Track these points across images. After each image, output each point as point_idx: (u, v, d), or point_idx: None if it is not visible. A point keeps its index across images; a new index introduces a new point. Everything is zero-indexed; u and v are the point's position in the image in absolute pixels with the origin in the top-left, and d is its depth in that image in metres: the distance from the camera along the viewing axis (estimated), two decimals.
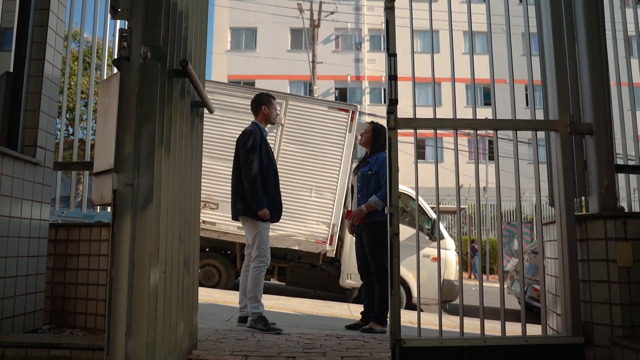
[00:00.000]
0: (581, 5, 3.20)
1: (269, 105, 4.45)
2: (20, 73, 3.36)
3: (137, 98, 1.88)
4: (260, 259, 4.16)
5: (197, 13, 2.69)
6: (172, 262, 2.20)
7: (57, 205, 9.41)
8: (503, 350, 2.87)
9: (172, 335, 2.21)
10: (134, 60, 1.89)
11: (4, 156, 2.99)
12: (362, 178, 4.59)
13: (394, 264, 2.83)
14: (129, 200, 1.83)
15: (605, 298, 2.88)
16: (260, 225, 4.18)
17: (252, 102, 4.51)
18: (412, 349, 2.78)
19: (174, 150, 2.22)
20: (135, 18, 1.90)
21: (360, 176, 4.62)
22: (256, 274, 4.14)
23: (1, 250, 2.95)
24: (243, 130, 4.41)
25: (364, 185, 4.55)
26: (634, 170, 3.78)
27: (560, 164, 3.03)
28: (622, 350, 2.74)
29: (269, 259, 4.25)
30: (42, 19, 3.45)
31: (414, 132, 3.04)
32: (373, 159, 4.59)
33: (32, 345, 2.69)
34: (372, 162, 4.59)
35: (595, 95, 3.08)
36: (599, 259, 2.92)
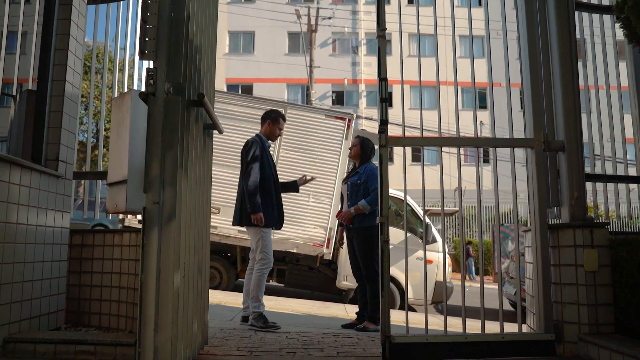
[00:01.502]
0: (555, 35, 3.54)
1: (275, 123, 4.72)
2: (44, 93, 3.67)
3: (162, 128, 2.18)
4: (263, 262, 4.42)
5: (208, 44, 3.02)
6: (188, 267, 2.52)
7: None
8: (482, 346, 3.20)
9: (188, 331, 2.53)
10: (159, 95, 2.20)
11: (31, 170, 3.30)
12: (352, 187, 4.90)
13: (384, 268, 3.15)
14: (156, 216, 2.14)
15: (574, 299, 3.21)
16: (263, 230, 4.44)
17: (263, 114, 4.83)
18: (401, 344, 3.11)
19: (190, 169, 2.53)
20: (160, 59, 2.22)
21: (350, 185, 4.93)
22: (259, 276, 4.40)
23: (29, 256, 3.25)
24: (246, 141, 4.71)
25: (353, 194, 4.86)
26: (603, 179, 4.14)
27: (534, 178, 3.37)
28: (587, 345, 3.07)
29: (272, 262, 4.50)
30: (63, 43, 3.77)
31: (403, 149, 3.36)
32: (361, 169, 4.93)
33: (61, 342, 3.00)
34: (361, 172, 4.91)
35: (567, 116, 3.42)
36: (568, 264, 3.26)
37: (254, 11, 26.84)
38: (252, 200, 4.37)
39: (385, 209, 3.22)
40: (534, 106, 3.42)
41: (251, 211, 4.36)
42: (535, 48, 3.53)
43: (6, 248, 2.99)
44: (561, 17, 3.52)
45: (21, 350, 2.98)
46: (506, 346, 3.22)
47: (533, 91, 3.45)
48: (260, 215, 4.35)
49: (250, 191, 4.39)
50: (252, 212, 4.35)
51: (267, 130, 4.72)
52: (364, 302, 4.82)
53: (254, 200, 4.37)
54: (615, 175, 4.31)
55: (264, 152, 4.57)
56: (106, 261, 3.96)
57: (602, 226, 3.24)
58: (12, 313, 3.05)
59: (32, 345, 2.99)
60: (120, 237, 3.95)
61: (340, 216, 4.97)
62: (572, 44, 3.55)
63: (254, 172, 4.43)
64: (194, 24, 2.58)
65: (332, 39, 28.33)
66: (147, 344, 2.07)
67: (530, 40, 3.52)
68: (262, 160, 4.53)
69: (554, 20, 3.55)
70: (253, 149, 4.53)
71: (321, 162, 8.36)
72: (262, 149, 4.57)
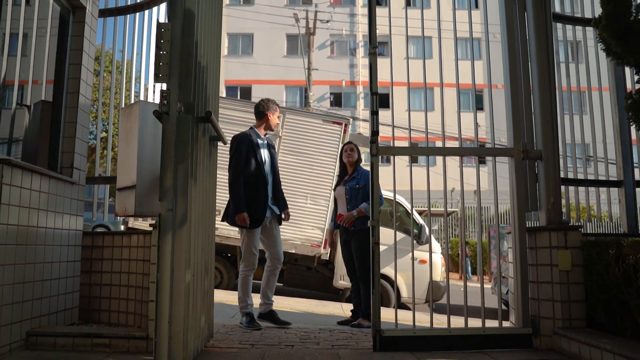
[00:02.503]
0: (534, 50, 3.82)
1: (274, 113, 4.63)
2: (59, 105, 3.94)
3: (175, 144, 2.46)
4: (244, 264, 4.44)
5: (213, 63, 3.29)
6: (197, 267, 2.79)
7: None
8: (465, 339, 3.49)
9: (197, 324, 2.80)
10: (172, 114, 2.48)
11: (49, 178, 3.57)
12: (351, 191, 5.10)
13: (375, 268, 3.43)
14: (169, 222, 2.41)
15: (549, 296, 3.49)
16: (246, 231, 4.38)
17: (256, 106, 4.67)
18: (390, 337, 3.39)
19: (199, 179, 2.81)
20: (172, 82, 2.50)
21: (349, 189, 5.12)
22: (242, 277, 4.43)
23: (47, 257, 3.52)
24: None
25: (353, 197, 5.07)
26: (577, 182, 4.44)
27: (514, 184, 3.65)
28: (560, 338, 3.35)
29: (254, 265, 4.44)
30: (76, 58, 4.04)
31: (392, 158, 3.64)
32: (357, 174, 5.16)
33: (78, 335, 3.28)
34: (357, 176, 5.13)
35: (545, 128, 3.71)
36: (545, 264, 3.54)
37: (252, 14, 27.12)
38: (233, 200, 4.30)
39: (377, 214, 3.50)
40: (514, 119, 3.71)
41: (233, 211, 4.28)
42: (516, 64, 3.81)
43: (28, 250, 3.26)
44: (539, 32, 3.81)
45: (42, 343, 3.25)
46: (487, 339, 3.50)
47: (513, 105, 3.73)
48: (244, 215, 4.24)
49: (230, 191, 4.33)
50: (234, 212, 4.27)
51: (266, 122, 4.61)
52: (358, 300, 5.09)
53: (234, 200, 4.29)
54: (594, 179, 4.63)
55: (250, 148, 4.43)
56: (115, 261, 4.21)
57: (575, 229, 3.53)
58: (33, 309, 3.32)
59: (52, 339, 3.27)
60: (128, 239, 4.21)
61: (341, 219, 5.11)
62: (550, 59, 3.83)
63: (230, 170, 4.37)
64: (202, 47, 2.86)
65: (330, 41, 28.63)
66: (162, 334, 2.35)
67: (511, 57, 3.80)
68: (249, 155, 4.41)
69: (533, 35, 3.83)
70: (234, 145, 4.43)
71: (318, 165, 8.63)
72: (248, 143, 4.44)
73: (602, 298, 3.24)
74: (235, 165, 4.37)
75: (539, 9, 3.85)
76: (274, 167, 4.63)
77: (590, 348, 3.02)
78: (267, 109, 4.60)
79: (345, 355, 3.29)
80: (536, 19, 3.85)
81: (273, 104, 4.66)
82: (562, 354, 3.29)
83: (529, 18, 3.89)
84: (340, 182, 5.37)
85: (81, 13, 4.08)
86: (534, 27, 3.83)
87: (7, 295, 3.02)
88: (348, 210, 5.08)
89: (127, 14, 4.92)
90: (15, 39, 3.47)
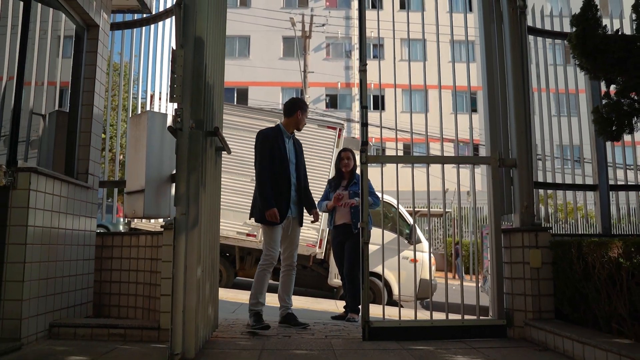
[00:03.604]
0: (510, 65, 4.19)
1: (304, 112, 4.56)
2: (75, 116, 4.29)
3: (187, 156, 2.81)
4: (264, 258, 4.26)
5: (218, 80, 3.65)
6: (206, 264, 3.15)
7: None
8: (445, 329, 3.86)
9: (206, 315, 3.16)
10: (185, 130, 2.83)
11: (68, 184, 3.92)
12: (354, 196, 5.36)
13: (364, 266, 3.80)
14: (183, 224, 2.77)
15: (522, 291, 3.86)
16: (265, 227, 4.30)
17: (288, 102, 4.60)
18: (378, 328, 3.76)
19: (207, 186, 3.17)
20: (185, 102, 2.85)
21: (352, 194, 5.38)
22: (258, 271, 4.26)
23: (66, 255, 3.87)
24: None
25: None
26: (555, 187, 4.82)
27: (490, 190, 4.02)
28: (530, 329, 3.73)
29: (274, 259, 4.30)
30: (90, 72, 4.38)
31: (381, 166, 4.00)
32: (357, 179, 5.36)
33: (97, 326, 3.63)
34: (358, 182, 5.21)
35: (519, 139, 4.08)
36: (518, 262, 3.91)
37: (249, 17, 27.45)
38: (260, 196, 4.24)
39: (366, 216, 3.87)
40: (490, 131, 4.08)
41: (261, 208, 4.21)
42: (493, 80, 4.18)
43: (51, 249, 3.61)
44: (515, 50, 4.18)
45: (64, 333, 3.60)
46: (466, 330, 3.87)
47: (490, 118, 4.11)
48: (274, 211, 4.16)
49: (257, 187, 4.31)
50: (262, 208, 4.20)
51: (295, 120, 4.51)
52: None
53: (262, 196, 4.22)
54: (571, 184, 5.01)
55: (275, 144, 4.37)
56: (124, 260, 4.55)
57: (545, 230, 3.90)
58: (55, 303, 3.67)
59: (72, 329, 3.62)
60: (137, 239, 4.55)
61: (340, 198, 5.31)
62: (524, 75, 4.20)
63: (257, 166, 4.35)
64: (210, 69, 3.21)
65: (326, 43, 28.97)
66: (177, 321, 2.71)
67: (489, 75, 4.17)
68: (273, 150, 4.35)
69: (509, 53, 4.20)
70: (259, 140, 4.41)
71: (313, 169, 8.97)
72: (273, 139, 4.39)
73: (567, 292, 3.62)
74: (260, 161, 4.33)
75: (515, 30, 4.22)
76: (300, 166, 4.52)
77: (554, 336, 3.40)
78: (298, 107, 4.52)
79: (337, 343, 3.65)
80: (512, 38, 4.22)
81: (304, 104, 4.63)
82: (531, 342, 3.67)
83: (506, 37, 4.26)
84: (339, 186, 5.58)
85: (94, 31, 4.43)
86: (510, 46, 4.20)
87: (34, 290, 3.37)
88: (351, 213, 5.34)
89: (134, 27, 5.28)
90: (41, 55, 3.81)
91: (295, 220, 4.47)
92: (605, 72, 3.92)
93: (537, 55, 4.81)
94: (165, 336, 3.46)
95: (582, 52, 3.91)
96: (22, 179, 3.31)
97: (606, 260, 3.16)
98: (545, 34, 5.03)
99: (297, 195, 4.45)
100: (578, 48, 3.92)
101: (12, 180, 3.26)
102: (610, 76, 3.97)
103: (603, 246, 3.20)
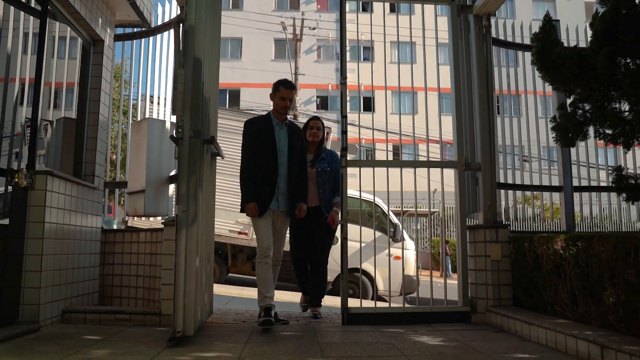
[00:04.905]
0: (476, 76, 4.66)
1: (275, 92, 4.26)
2: (83, 123, 4.71)
3: (187, 161, 3.26)
4: (257, 251, 4.07)
5: (214, 92, 4.10)
6: (203, 255, 3.59)
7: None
8: (416, 315, 4.33)
9: (203, 300, 3.61)
10: (185, 139, 3.27)
11: (78, 185, 4.34)
12: (323, 174, 4.72)
13: (344, 260, 4.26)
14: (184, 220, 3.21)
15: (484, 281, 4.34)
16: (251, 218, 4.10)
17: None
18: (355, 314, 4.23)
19: (204, 187, 3.62)
20: (185, 114, 3.29)
21: (321, 172, 4.72)
22: (257, 267, 4.05)
23: (76, 249, 4.29)
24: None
25: (325, 180, 4.71)
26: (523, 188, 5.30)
27: (457, 191, 4.50)
28: (490, 314, 4.21)
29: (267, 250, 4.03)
30: (96, 83, 4.81)
31: (359, 169, 4.47)
32: (326, 155, 4.82)
33: (105, 312, 4.07)
34: (327, 158, 4.80)
35: (484, 145, 4.55)
36: (481, 255, 4.38)
37: (241, 20, 27.85)
38: (241, 189, 4.08)
39: (345, 214, 4.33)
40: (457, 138, 4.56)
41: (242, 200, 4.06)
42: (460, 92, 4.66)
43: (63, 243, 4.03)
44: (480, 65, 4.65)
45: (75, 318, 4.03)
46: (434, 315, 4.34)
47: (457, 127, 4.58)
48: (251, 205, 3.97)
49: (240, 178, 4.12)
50: (242, 201, 4.05)
51: (274, 105, 4.26)
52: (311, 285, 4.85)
53: (242, 189, 4.07)
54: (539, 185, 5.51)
55: (261, 130, 4.16)
56: (125, 255, 4.95)
57: (505, 227, 4.39)
58: (66, 291, 4.10)
59: (82, 315, 4.05)
60: (137, 235, 4.97)
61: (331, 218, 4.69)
62: (490, 85, 4.68)
63: (241, 159, 4.15)
64: (207, 84, 3.66)
65: (317, 45, 29.43)
66: (179, 304, 3.15)
67: (457, 87, 4.65)
68: (259, 137, 4.13)
69: (475, 67, 4.68)
70: (245, 129, 4.22)
71: None
72: (259, 129, 4.18)
73: (522, 281, 4.10)
74: (244, 152, 4.15)
75: (480, 46, 4.69)
76: (293, 155, 4.21)
77: (508, 319, 3.88)
78: (272, 90, 4.30)
79: (319, 328, 4.11)
80: (478, 55, 4.70)
81: (278, 84, 4.29)
82: (491, 326, 4.15)
83: (473, 53, 4.73)
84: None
85: (100, 45, 4.86)
86: (476, 62, 4.67)
87: (49, 279, 3.80)
88: (319, 194, 4.70)
89: (134, 39, 5.71)
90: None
91: (284, 214, 4.21)
92: (563, 84, 4.40)
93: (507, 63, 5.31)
94: (166, 321, 3.91)
95: (541, 67, 4.38)
96: (40, 181, 3.74)
97: (551, 253, 3.64)
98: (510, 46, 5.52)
99: (288, 187, 4.16)
100: (538, 63, 4.38)
101: (30, 181, 3.69)
102: (568, 87, 4.46)
103: (549, 240, 3.68)
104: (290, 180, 4.18)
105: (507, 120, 5.38)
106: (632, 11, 4.09)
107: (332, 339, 3.63)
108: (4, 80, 3.88)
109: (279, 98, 4.22)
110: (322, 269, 4.77)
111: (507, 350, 3.26)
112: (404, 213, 17.85)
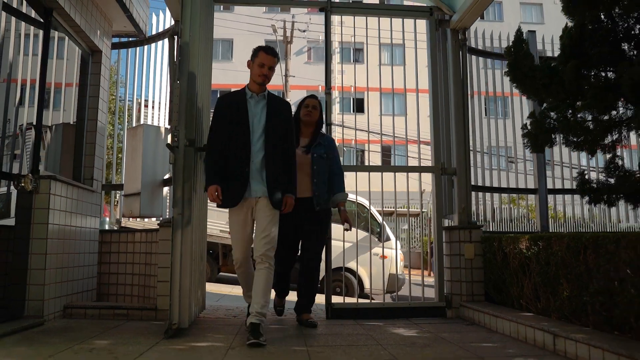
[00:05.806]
0: (452, 84, 4.99)
1: (253, 59, 3.75)
2: (82, 129, 4.98)
3: (182, 168, 3.55)
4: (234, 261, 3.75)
5: (206, 102, 4.39)
6: (195, 255, 3.88)
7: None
8: (395, 310, 4.64)
9: (196, 295, 3.90)
10: (180, 147, 3.56)
11: (78, 188, 4.61)
12: (319, 161, 4.16)
13: (329, 259, 4.56)
14: (179, 222, 3.50)
15: (458, 278, 4.66)
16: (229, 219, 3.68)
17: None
18: (338, 308, 4.54)
19: (197, 191, 3.91)
20: (180, 124, 3.58)
21: (317, 159, 4.15)
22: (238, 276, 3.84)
23: (77, 249, 4.56)
24: None
25: (321, 168, 4.15)
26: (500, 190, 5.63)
27: (434, 194, 4.82)
28: (464, 309, 4.53)
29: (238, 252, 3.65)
30: (95, 91, 5.08)
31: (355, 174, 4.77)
32: (322, 140, 4.29)
33: (104, 307, 4.34)
34: (324, 143, 4.27)
35: (459, 151, 4.88)
36: (456, 254, 4.71)
37: (232, 22, 28.09)
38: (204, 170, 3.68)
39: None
40: (434, 144, 4.88)
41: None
42: (438, 101, 4.98)
43: (65, 243, 4.30)
44: (456, 75, 4.98)
45: (76, 314, 4.30)
46: (412, 310, 4.66)
47: (434, 133, 4.91)
48: (211, 189, 3.47)
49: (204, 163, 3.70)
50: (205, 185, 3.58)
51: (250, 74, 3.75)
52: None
53: (205, 170, 3.66)
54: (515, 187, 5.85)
55: (231, 105, 3.65)
56: (121, 254, 5.22)
57: (478, 228, 4.71)
58: (67, 288, 4.37)
59: (83, 310, 4.32)
60: (133, 236, 5.25)
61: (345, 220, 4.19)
62: (464, 95, 5.00)
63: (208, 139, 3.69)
64: (201, 96, 3.95)
65: (308, 47, 29.70)
66: (174, 299, 3.44)
67: (434, 94, 4.97)
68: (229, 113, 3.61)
69: (452, 77, 5.00)
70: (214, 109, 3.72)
71: None
72: (228, 104, 3.67)
73: (492, 278, 4.43)
74: (211, 130, 3.67)
75: (456, 58, 5.02)
76: (271, 133, 3.58)
77: (479, 313, 4.21)
78: (251, 57, 3.78)
79: None
80: (454, 66, 5.02)
81: (258, 49, 3.79)
82: (463, 319, 4.48)
83: (449, 64, 5.06)
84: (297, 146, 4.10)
85: (98, 55, 5.12)
86: (452, 73, 5.00)
87: (52, 277, 4.07)
88: (313, 184, 4.10)
89: (129, 47, 5.98)
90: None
91: (263, 201, 3.53)
92: (535, 94, 4.73)
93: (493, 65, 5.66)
94: (161, 315, 4.20)
95: (514, 78, 4.71)
96: (44, 185, 4.01)
97: (517, 252, 3.97)
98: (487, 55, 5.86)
99: (266, 170, 3.53)
100: (511, 74, 4.71)
101: (35, 185, 3.96)
102: (540, 97, 4.79)
103: (515, 240, 4.01)
104: (269, 164, 3.53)
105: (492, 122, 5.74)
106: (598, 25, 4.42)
107: (316, 330, 3.94)
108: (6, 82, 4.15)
109: (257, 65, 3.67)
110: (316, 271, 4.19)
111: (474, 340, 3.58)
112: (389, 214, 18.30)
